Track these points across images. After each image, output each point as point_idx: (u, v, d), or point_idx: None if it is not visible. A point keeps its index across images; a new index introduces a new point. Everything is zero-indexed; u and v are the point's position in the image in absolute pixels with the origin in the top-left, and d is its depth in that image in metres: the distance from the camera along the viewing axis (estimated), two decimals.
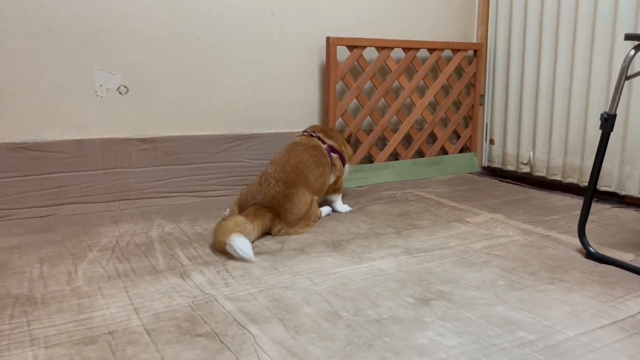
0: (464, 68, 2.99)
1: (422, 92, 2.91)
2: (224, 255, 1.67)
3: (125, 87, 2.24)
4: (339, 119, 2.63)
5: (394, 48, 2.70)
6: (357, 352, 1.12)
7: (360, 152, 2.71)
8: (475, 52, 3.01)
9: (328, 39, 2.52)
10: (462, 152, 3.12)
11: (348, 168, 2.29)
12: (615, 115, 1.65)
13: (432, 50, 2.84)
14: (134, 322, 1.25)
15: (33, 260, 1.64)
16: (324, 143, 2.12)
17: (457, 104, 3.05)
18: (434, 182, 2.82)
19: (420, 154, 2.98)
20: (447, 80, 2.94)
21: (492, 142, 3.06)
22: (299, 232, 1.92)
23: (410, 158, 2.90)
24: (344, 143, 2.26)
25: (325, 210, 2.15)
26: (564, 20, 2.54)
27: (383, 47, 2.66)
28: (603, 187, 2.44)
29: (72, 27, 2.10)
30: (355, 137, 2.66)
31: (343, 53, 2.59)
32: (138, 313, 1.29)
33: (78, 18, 2.10)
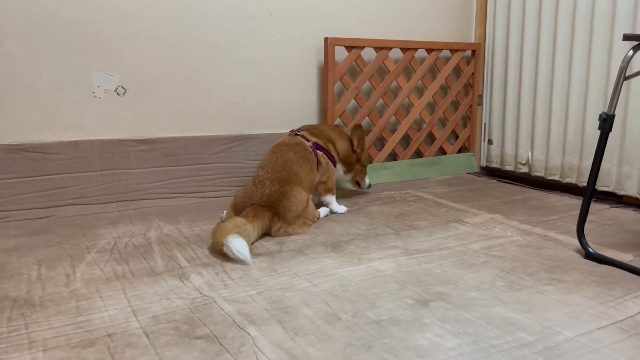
0: (462, 68, 2.99)
1: (420, 92, 2.91)
2: (223, 257, 1.67)
3: (123, 88, 2.23)
4: (338, 119, 2.63)
5: (392, 48, 2.70)
6: (356, 354, 1.12)
7: None
8: (474, 52, 3.01)
9: (326, 40, 2.52)
10: (460, 152, 3.12)
11: (342, 169, 2.28)
12: (614, 116, 1.65)
13: (430, 51, 2.84)
14: (133, 324, 1.25)
15: (31, 262, 1.63)
16: (308, 141, 2.12)
17: (455, 104, 3.05)
18: (433, 182, 2.82)
19: (419, 154, 2.97)
20: (445, 81, 2.94)
21: (490, 142, 3.06)
22: (298, 231, 1.92)
23: (409, 158, 2.90)
24: (332, 141, 2.22)
25: (324, 212, 2.15)
26: (562, 21, 2.55)
27: (381, 47, 2.66)
28: (601, 187, 2.44)
29: (70, 28, 2.09)
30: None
31: (341, 53, 2.59)
32: (136, 315, 1.29)
33: (76, 19, 2.10)
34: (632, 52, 1.61)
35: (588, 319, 1.28)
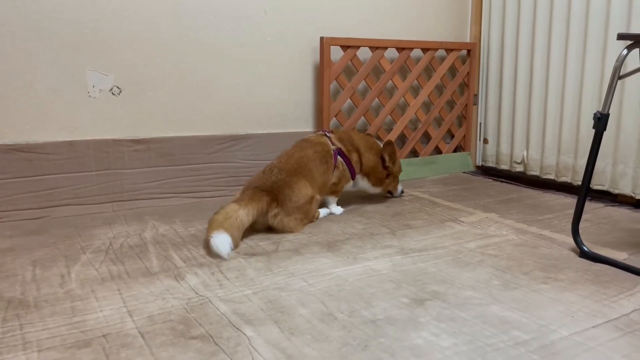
0: (458, 68, 3.00)
1: (416, 91, 2.92)
2: (218, 256, 1.67)
3: (118, 88, 2.23)
4: (333, 119, 2.63)
5: (388, 48, 2.70)
6: (352, 353, 1.12)
7: None
8: (469, 51, 3.01)
9: (322, 39, 2.52)
10: (456, 151, 3.12)
11: (361, 180, 2.27)
12: (608, 115, 1.65)
13: (425, 50, 2.84)
14: (128, 324, 1.24)
15: (26, 263, 1.63)
16: (333, 144, 2.14)
17: (451, 104, 3.06)
18: (428, 181, 2.82)
19: (415, 154, 2.98)
20: (440, 80, 2.94)
21: (486, 141, 3.07)
22: (293, 226, 1.92)
23: (405, 158, 2.90)
24: (359, 151, 2.21)
25: (324, 212, 2.15)
26: (557, 20, 2.55)
27: (377, 47, 2.66)
28: (596, 185, 2.45)
29: (65, 28, 2.08)
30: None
31: (337, 53, 2.59)
32: (132, 316, 1.29)
33: (71, 19, 2.09)
34: (626, 51, 1.62)
35: (583, 318, 1.28)
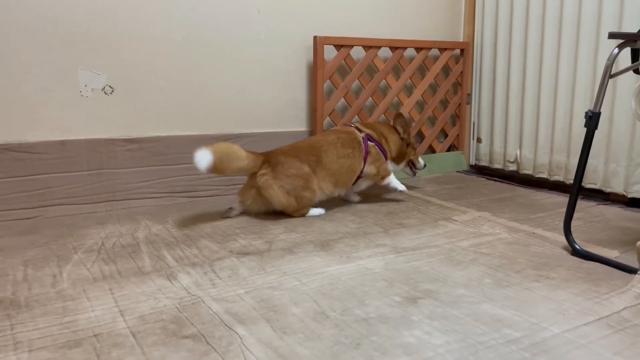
0: (451, 67, 3.00)
1: (409, 91, 2.92)
2: (212, 256, 1.67)
3: (111, 87, 2.22)
4: (327, 118, 2.63)
5: (381, 47, 2.70)
6: (344, 352, 1.12)
7: None
8: (462, 51, 3.02)
9: (315, 38, 2.52)
10: (449, 150, 3.13)
11: (392, 166, 2.38)
12: (600, 114, 1.66)
13: (419, 49, 2.85)
14: (120, 324, 1.24)
15: (17, 263, 1.62)
16: (361, 132, 2.25)
17: (444, 103, 3.06)
18: (422, 180, 2.82)
19: None
20: (434, 79, 2.94)
21: (479, 140, 3.08)
22: (276, 192, 2.03)
23: None
24: (385, 137, 2.32)
25: (315, 212, 2.14)
26: (549, 19, 2.56)
27: (370, 46, 2.66)
28: (588, 184, 2.46)
29: (56, 26, 2.07)
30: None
31: (330, 52, 2.59)
32: (123, 315, 1.28)
33: (63, 18, 2.08)
34: (617, 50, 1.62)
35: (574, 315, 1.29)
